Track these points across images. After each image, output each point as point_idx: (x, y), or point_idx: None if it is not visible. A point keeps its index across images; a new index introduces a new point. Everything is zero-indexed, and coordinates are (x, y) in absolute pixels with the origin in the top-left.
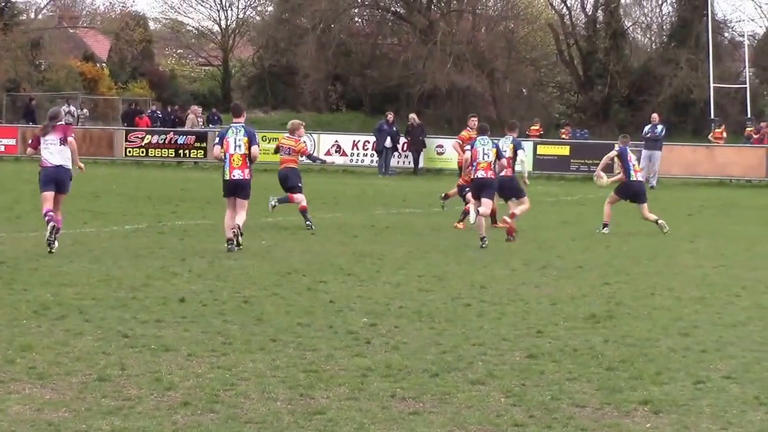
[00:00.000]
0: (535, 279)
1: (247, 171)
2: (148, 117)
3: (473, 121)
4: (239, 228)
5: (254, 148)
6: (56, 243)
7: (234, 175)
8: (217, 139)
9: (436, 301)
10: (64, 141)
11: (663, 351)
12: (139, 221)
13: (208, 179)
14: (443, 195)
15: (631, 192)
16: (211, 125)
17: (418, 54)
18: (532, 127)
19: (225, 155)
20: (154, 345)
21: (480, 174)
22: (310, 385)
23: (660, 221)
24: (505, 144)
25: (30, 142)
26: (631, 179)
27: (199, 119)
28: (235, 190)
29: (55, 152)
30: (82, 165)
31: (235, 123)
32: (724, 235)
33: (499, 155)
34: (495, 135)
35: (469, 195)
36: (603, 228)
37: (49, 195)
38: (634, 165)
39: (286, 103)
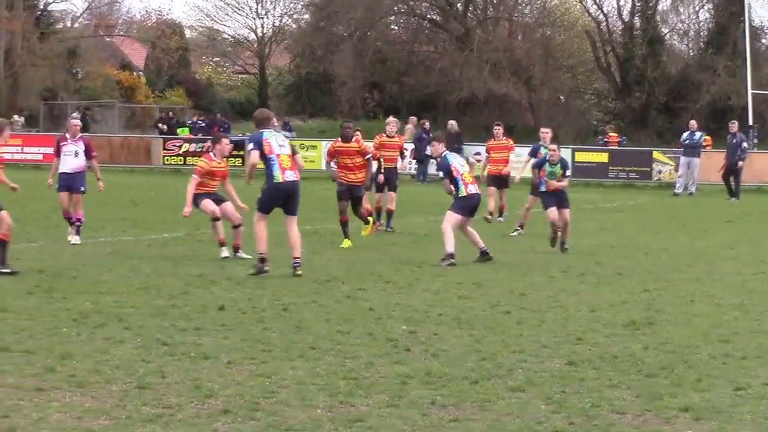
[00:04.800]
0: (574, 286)
1: (297, 172)
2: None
3: (498, 130)
4: (299, 257)
5: (298, 157)
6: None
7: (287, 177)
8: (252, 145)
9: (476, 308)
10: None
11: (703, 358)
12: (177, 229)
13: (246, 187)
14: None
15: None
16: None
17: (455, 61)
18: (610, 134)
19: (270, 158)
20: (193, 353)
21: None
22: (350, 393)
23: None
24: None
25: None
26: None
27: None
28: (289, 195)
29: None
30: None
31: (267, 129)
32: (763, 242)
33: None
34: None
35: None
36: None
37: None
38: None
39: (324, 111)
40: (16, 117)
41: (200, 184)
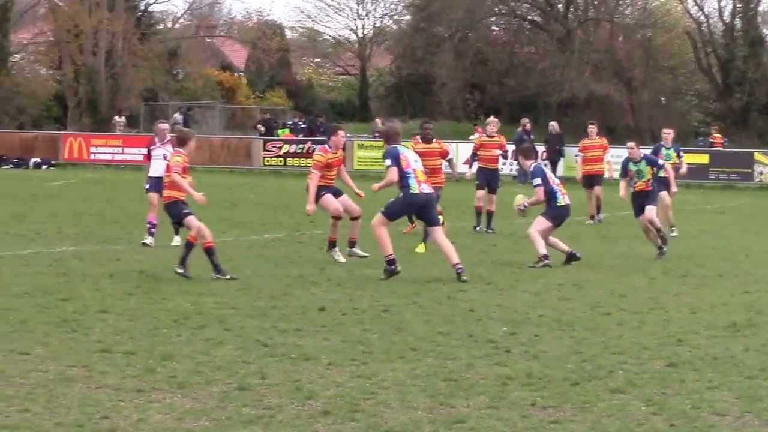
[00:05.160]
0: (674, 288)
1: (430, 186)
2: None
3: (592, 129)
4: (459, 263)
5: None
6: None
7: (423, 189)
8: (389, 161)
9: (576, 309)
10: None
11: None
12: (277, 230)
13: (346, 188)
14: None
15: None
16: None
17: (556, 62)
18: (715, 135)
19: (406, 172)
20: (294, 354)
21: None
22: (450, 394)
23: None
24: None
25: None
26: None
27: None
28: (423, 206)
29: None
30: None
31: (398, 144)
32: None
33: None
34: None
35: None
36: None
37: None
38: None
39: (424, 112)
40: (117, 118)
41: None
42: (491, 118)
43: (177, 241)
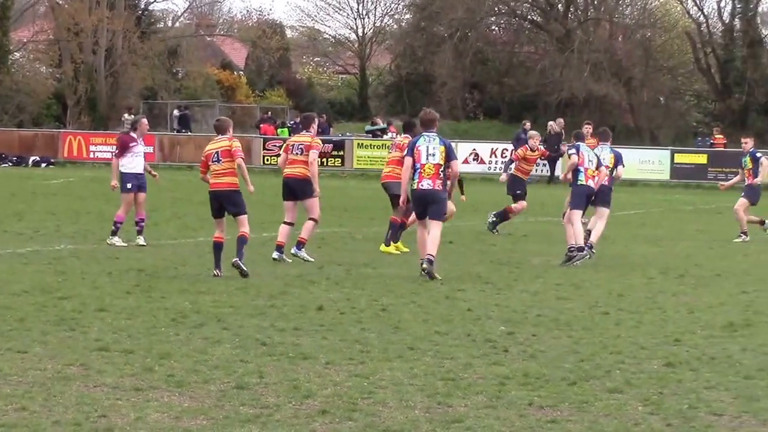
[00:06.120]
0: (672, 287)
1: (439, 182)
2: (270, 125)
3: (588, 129)
4: (431, 257)
5: (454, 163)
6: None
7: (422, 185)
8: (407, 150)
9: (574, 309)
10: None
11: None
12: (276, 229)
13: (345, 187)
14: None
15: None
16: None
17: (555, 62)
18: (716, 136)
19: (416, 165)
20: (292, 353)
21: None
22: (448, 393)
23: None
24: (604, 153)
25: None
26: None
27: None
28: (423, 201)
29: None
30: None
31: (427, 133)
32: None
33: (599, 164)
34: (633, 143)
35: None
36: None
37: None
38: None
39: None
40: (126, 116)
41: None
42: (533, 132)
43: (115, 240)
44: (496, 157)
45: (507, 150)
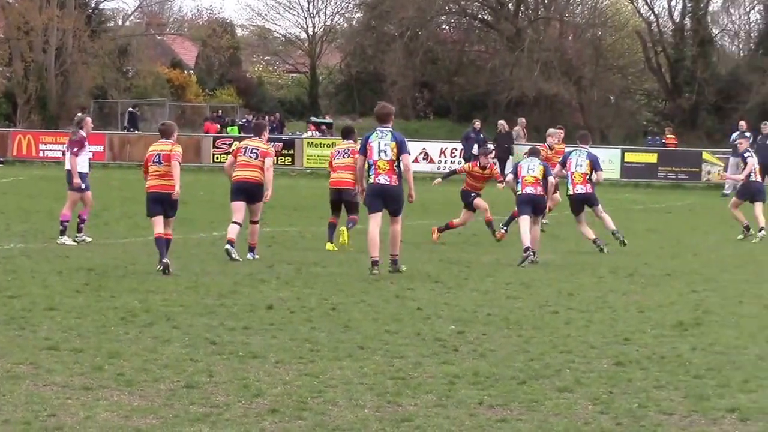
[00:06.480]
0: (622, 287)
1: (395, 177)
2: (213, 123)
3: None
4: (395, 257)
5: (404, 157)
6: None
7: (379, 180)
8: (360, 148)
9: (524, 308)
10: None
11: (751, 359)
12: (226, 228)
13: (295, 186)
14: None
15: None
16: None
17: (506, 61)
18: (668, 136)
19: (368, 163)
20: (241, 352)
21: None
22: (397, 393)
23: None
24: (581, 157)
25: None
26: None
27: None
28: (380, 194)
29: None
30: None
31: (381, 127)
32: None
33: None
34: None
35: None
36: (758, 232)
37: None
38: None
39: (374, 111)
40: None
41: None
42: (552, 130)
43: (65, 240)
44: (445, 156)
45: (456, 150)
